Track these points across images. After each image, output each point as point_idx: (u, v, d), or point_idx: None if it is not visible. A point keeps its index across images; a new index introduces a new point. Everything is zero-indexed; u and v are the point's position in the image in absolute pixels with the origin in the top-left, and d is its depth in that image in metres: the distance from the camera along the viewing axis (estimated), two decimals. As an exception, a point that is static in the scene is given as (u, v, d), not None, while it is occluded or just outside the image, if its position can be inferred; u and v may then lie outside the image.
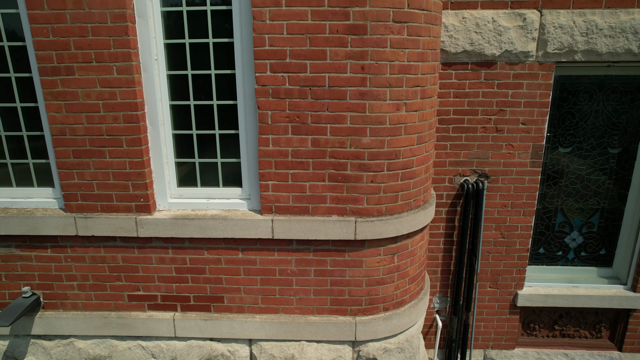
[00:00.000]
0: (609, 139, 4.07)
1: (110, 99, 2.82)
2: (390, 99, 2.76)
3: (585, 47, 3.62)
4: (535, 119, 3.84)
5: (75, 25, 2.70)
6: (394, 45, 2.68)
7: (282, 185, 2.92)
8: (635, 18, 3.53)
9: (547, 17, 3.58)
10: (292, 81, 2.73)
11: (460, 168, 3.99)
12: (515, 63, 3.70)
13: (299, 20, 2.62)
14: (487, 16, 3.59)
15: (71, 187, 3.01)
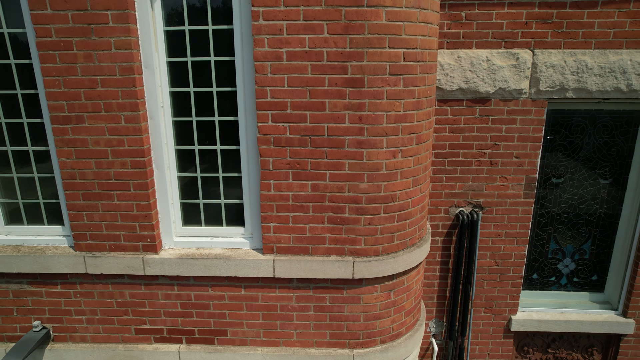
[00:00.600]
0: (600, 170, 4.21)
1: (118, 146, 2.95)
2: (386, 146, 2.90)
3: (576, 85, 3.75)
4: (529, 153, 3.98)
5: (85, 77, 2.84)
6: (391, 96, 2.81)
7: (283, 227, 3.06)
8: (623, 59, 3.67)
9: (540, 57, 3.72)
10: (293, 130, 2.86)
11: (455, 199, 4.13)
12: (509, 100, 3.84)
13: (299, 74, 2.76)
14: (481, 55, 3.72)
15: (81, 227, 3.14)
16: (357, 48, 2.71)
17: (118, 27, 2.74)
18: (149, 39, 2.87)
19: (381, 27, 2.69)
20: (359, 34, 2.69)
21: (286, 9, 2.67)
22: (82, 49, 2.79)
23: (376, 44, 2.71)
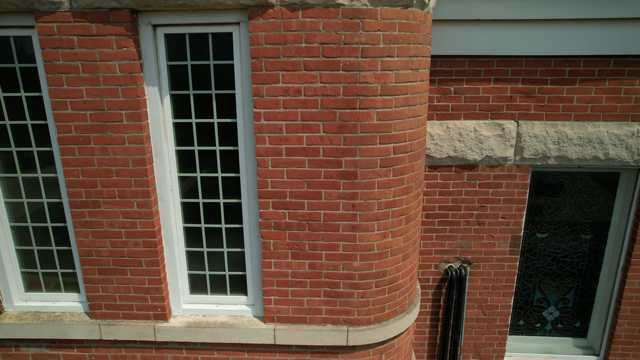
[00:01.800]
0: (582, 226, 4.50)
1: (131, 228, 3.24)
2: (377, 229, 3.19)
3: (557, 153, 4.04)
4: (514, 214, 4.26)
5: (101, 168, 3.12)
6: (381, 186, 3.10)
7: (283, 300, 3.35)
8: (600, 130, 3.95)
9: (524, 127, 4.00)
10: (292, 216, 3.15)
11: (445, 255, 4.42)
12: (495, 166, 4.13)
13: (297, 168, 3.04)
14: (469, 126, 4.01)
15: (96, 298, 3.43)
16: (351, 145, 3.00)
17: (131, 125, 3.03)
18: (159, 130, 3.15)
19: (372, 127, 2.97)
20: (352, 133, 2.97)
21: (285, 110, 2.95)
22: (98, 143, 3.07)
23: (368, 142, 3.00)
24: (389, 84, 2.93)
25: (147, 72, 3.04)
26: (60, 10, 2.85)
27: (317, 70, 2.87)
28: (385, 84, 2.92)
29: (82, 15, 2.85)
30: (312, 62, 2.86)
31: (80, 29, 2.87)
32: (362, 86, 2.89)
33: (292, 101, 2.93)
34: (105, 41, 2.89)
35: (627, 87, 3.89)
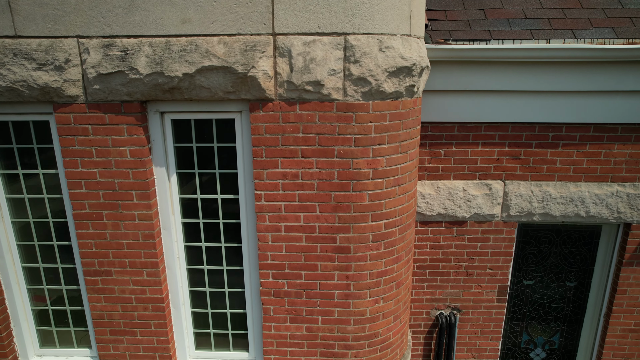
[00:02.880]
0: (566, 274, 4.76)
1: (141, 294, 3.50)
2: (370, 297, 3.45)
3: (542, 211, 4.30)
4: (501, 265, 4.53)
5: (113, 241, 3.38)
6: (373, 258, 3.36)
7: (282, 359, 3.62)
8: (582, 190, 4.21)
9: (510, 187, 4.26)
10: (290, 285, 3.41)
11: (435, 303, 4.69)
12: (483, 222, 4.39)
13: (295, 243, 3.30)
14: (458, 186, 4.27)
15: (108, 357, 3.70)
16: (345, 223, 3.26)
17: (141, 203, 3.29)
18: (167, 205, 3.41)
19: (365, 207, 3.23)
20: (346, 212, 3.23)
21: (284, 192, 3.21)
22: (110, 219, 3.33)
23: (361, 220, 3.26)
24: (380, 169, 3.18)
25: (156, 154, 3.30)
26: (76, 103, 3.10)
27: (314, 158, 3.13)
28: (376, 169, 3.17)
29: (96, 107, 3.11)
30: (309, 150, 3.11)
31: (94, 118, 3.13)
32: (355, 172, 3.15)
33: (290, 184, 3.19)
34: (117, 129, 3.14)
35: (607, 151, 4.14)
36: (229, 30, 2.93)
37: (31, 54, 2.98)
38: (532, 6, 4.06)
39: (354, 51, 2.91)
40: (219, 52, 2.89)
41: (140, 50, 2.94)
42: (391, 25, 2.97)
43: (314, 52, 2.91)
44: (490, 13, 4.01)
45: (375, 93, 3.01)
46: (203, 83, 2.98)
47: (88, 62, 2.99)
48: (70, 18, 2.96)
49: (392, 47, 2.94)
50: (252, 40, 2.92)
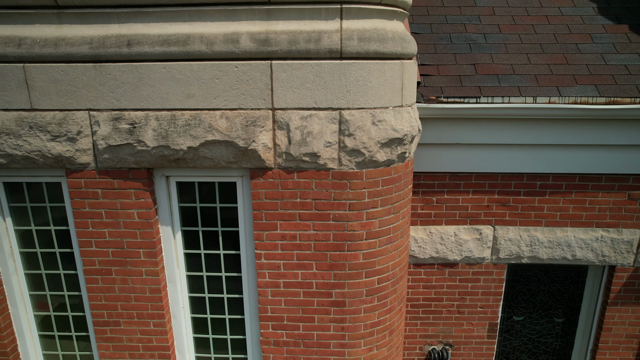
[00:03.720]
0: (555, 311, 4.98)
1: (148, 343, 3.72)
2: (364, 345, 3.67)
3: (530, 254, 4.51)
4: (491, 304, 4.75)
5: (122, 294, 3.60)
6: (367, 311, 3.58)
7: (281, 403, 3.84)
8: (568, 235, 4.42)
9: (499, 232, 4.47)
10: (289, 336, 3.63)
11: (428, 339, 4.91)
12: (473, 264, 4.60)
13: (293, 297, 3.52)
14: (449, 231, 4.48)
15: (116, 399, 3.92)
16: (340, 280, 3.47)
17: (148, 260, 3.50)
18: (172, 260, 3.62)
19: (359, 265, 3.45)
20: (341, 270, 3.44)
21: (283, 252, 3.42)
22: (119, 275, 3.55)
23: (355, 277, 3.47)
24: (373, 230, 3.40)
25: (162, 214, 3.51)
26: (87, 169, 3.31)
27: (311, 221, 3.34)
28: (370, 230, 3.39)
29: (105, 173, 3.32)
30: (306, 214, 3.32)
31: (104, 184, 3.34)
32: (349, 233, 3.36)
33: (289, 245, 3.40)
34: (126, 194, 3.35)
35: (591, 199, 4.35)
36: (231, 105, 3.14)
37: (46, 126, 3.18)
38: (521, 61, 4.26)
39: (349, 125, 3.12)
40: (222, 127, 3.10)
41: (147, 124, 3.14)
42: (384, 99, 3.17)
43: (310, 126, 3.12)
44: (481, 68, 4.21)
45: (369, 162, 3.22)
46: (207, 154, 3.19)
47: (98, 133, 3.19)
48: (82, 93, 3.17)
49: (384, 120, 3.15)
50: (253, 115, 3.12)
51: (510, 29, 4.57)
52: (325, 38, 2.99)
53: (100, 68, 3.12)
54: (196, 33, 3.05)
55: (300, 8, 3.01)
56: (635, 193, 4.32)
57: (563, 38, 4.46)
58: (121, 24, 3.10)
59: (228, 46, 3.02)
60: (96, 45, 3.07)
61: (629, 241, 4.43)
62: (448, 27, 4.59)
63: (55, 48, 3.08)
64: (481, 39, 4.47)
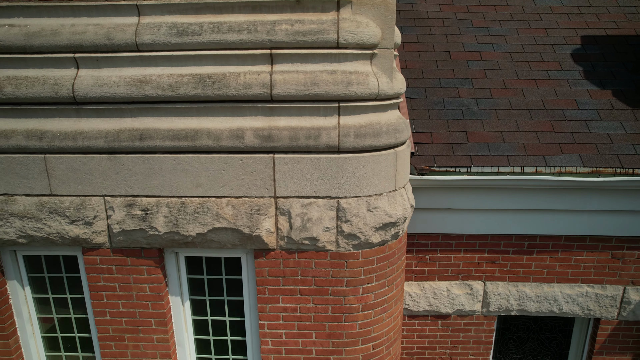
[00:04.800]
0: (544, 357, 5.26)
1: (158, 402, 4.00)
2: (360, 405, 3.94)
3: (518, 307, 4.78)
4: (482, 352, 5.02)
5: (133, 359, 3.86)
6: (363, 374, 3.85)
7: None
8: (555, 290, 4.69)
9: (489, 287, 4.74)
10: (290, 397, 3.90)
11: (423, 385, 5.19)
12: (465, 316, 4.87)
13: (294, 363, 3.79)
14: (442, 286, 4.75)
15: None
16: (338, 347, 3.74)
17: (159, 329, 3.77)
18: (181, 325, 3.89)
19: (355, 334, 3.72)
20: (338, 339, 3.72)
21: (285, 323, 3.69)
22: (132, 341, 3.82)
23: (352, 345, 3.74)
24: (368, 302, 3.66)
25: (171, 285, 3.78)
26: (102, 248, 3.58)
27: (310, 295, 3.61)
28: (365, 303, 3.65)
29: (119, 252, 3.58)
30: (306, 290, 3.59)
31: (118, 261, 3.60)
32: (346, 307, 3.63)
33: (290, 316, 3.67)
34: (138, 270, 3.62)
35: (577, 257, 4.61)
36: (236, 193, 3.40)
37: (64, 211, 3.45)
38: (510, 128, 4.52)
39: (345, 213, 3.38)
40: (228, 215, 3.36)
41: (158, 211, 3.41)
42: (378, 186, 3.43)
43: (310, 213, 3.38)
44: (472, 136, 4.46)
45: (364, 244, 3.48)
46: (214, 238, 3.45)
47: (113, 218, 3.46)
48: (98, 181, 3.43)
49: (379, 207, 3.41)
50: (257, 204, 3.39)
51: (501, 93, 4.82)
52: (324, 135, 3.25)
53: (115, 159, 3.38)
54: (204, 128, 3.30)
55: (300, 106, 3.27)
56: (618, 252, 4.58)
57: (550, 104, 4.71)
58: (134, 117, 3.36)
59: (233, 141, 3.28)
60: (111, 139, 3.33)
61: (613, 296, 4.70)
62: (442, 92, 4.84)
63: (74, 141, 3.34)
64: (473, 104, 4.73)
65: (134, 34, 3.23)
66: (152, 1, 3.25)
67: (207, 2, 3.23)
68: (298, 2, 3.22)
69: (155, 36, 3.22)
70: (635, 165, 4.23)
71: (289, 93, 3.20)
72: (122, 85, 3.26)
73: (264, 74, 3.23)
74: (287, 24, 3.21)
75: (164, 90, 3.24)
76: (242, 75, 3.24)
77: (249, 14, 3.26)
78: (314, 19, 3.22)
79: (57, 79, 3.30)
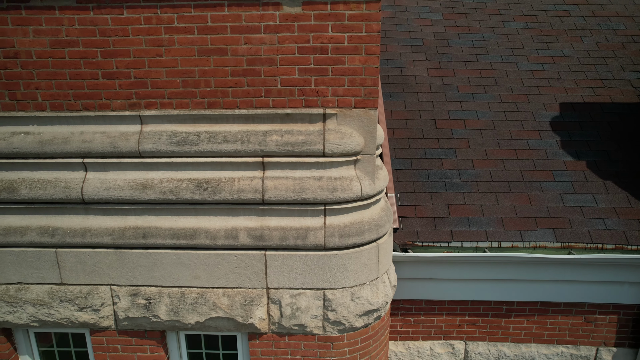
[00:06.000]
0: (523, 406, 5.60)
1: None
2: None
3: (498, 365, 5.13)
4: (464, 404, 5.36)
5: None
6: None
7: None
8: (532, 350, 5.03)
9: (470, 347, 5.08)
10: None
11: None
12: (447, 372, 5.22)
13: None
14: (426, 346, 5.09)
15: None
16: (325, 418, 4.08)
17: (161, 400, 4.11)
18: (181, 394, 4.25)
19: (342, 406, 4.06)
20: (326, 410, 4.06)
21: None
22: (136, 410, 4.16)
23: (338, 415, 4.08)
24: (353, 378, 4.00)
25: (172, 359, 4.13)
26: (109, 330, 3.92)
27: (300, 373, 3.95)
28: (350, 379, 4.00)
29: (124, 333, 3.93)
30: (296, 368, 3.94)
31: (123, 341, 3.95)
32: (333, 383, 3.97)
33: (281, 391, 4.01)
34: (142, 349, 3.97)
35: (552, 320, 4.95)
36: (232, 284, 3.74)
37: (74, 299, 3.79)
38: (490, 202, 4.84)
39: (331, 302, 3.72)
40: (224, 305, 3.70)
41: (160, 300, 3.75)
42: (362, 277, 3.77)
43: (299, 303, 3.72)
44: (454, 210, 4.79)
45: (349, 329, 3.82)
46: (211, 325, 3.79)
47: (119, 305, 3.80)
48: (105, 272, 3.77)
49: (362, 296, 3.75)
50: (250, 295, 3.72)
51: (483, 164, 5.14)
52: (311, 235, 3.58)
53: (121, 254, 3.71)
54: (201, 228, 3.64)
55: (289, 209, 3.59)
56: (591, 317, 4.92)
57: (529, 175, 5.03)
58: (137, 216, 3.69)
59: (229, 241, 3.61)
60: (117, 236, 3.66)
61: (586, 356, 5.04)
62: (426, 163, 5.16)
63: (83, 238, 3.67)
64: (456, 176, 5.05)
65: (137, 143, 3.55)
66: (154, 112, 3.58)
67: (203, 113, 3.56)
68: (287, 115, 3.54)
69: (157, 145, 3.55)
70: (604, 241, 4.57)
71: (279, 198, 3.53)
72: (126, 189, 3.59)
73: (256, 180, 3.56)
74: (278, 134, 3.53)
75: (165, 194, 3.56)
76: (236, 180, 3.56)
77: (242, 124, 3.58)
78: (302, 129, 3.54)
79: (67, 182, 3.63)
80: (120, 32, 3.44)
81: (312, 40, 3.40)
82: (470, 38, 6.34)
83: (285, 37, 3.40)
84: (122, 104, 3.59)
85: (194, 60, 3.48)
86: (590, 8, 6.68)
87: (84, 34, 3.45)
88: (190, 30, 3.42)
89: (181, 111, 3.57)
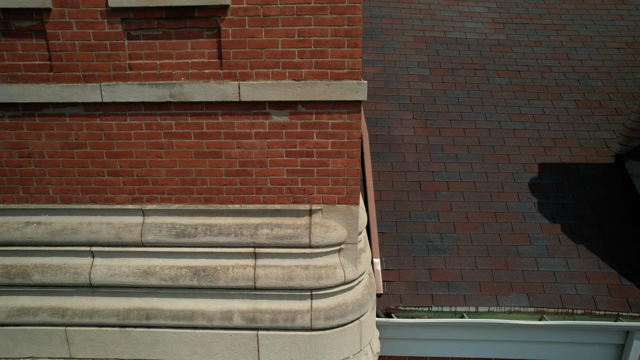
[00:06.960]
0: None
1: None
2: None
3: (477, 415, 5.49)
4: None
5: None
6: None
7: None
8: (509, 403, 5.40)
9: (451, 398, 5.45)
10: None
11: None
12: (430, 420, 5.59)
13: None
14: (410, 397, 5.46)
15: None
16: None
17: None
18: None
19: None
20: None
21: None
22: None
23: None
24: None
25: (173, 422, 4.49)
26: (114, 398, 4.28)
27: None
28: None
29: (129, 401, 4.29)
30: None
31: (127, 408, 4.31)
32: None
33: None
34: (145, 414, 4.33)
35: (528, 375, 5.31)
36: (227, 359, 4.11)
37: (82, 374, 4.16)
38: (469, 266, 5.20)
39: (318, 377, 4.08)
40: (220, 379, 4.06)
41: (162, 375, 4.12)
42: (345, 352, 4.13)
43: (288, 377, 4.08)
44: (435, 274, 5.15)
45: (334, 399, 4.19)
46: (208, 396, 4.16)
47: (124, 378, 4.17)
48: (111, 347, 4.13)
49: (346, 370, 4.12)
50: (244, 370, 4.09)
51: (464, 227, 5.49)
52: (299, 318, 3.94)
53: (125, 332, 4.08)
54: (199, 310, 4.00)
55: (279, 293, 3.95)
56: (564, 371, 5.28)
57: (506, 239, 5.38)
58: (141, 298, 4.06)
59: (224, 322, 3.97)
60: (122, 317, 4.02)
61: (559, 407, 5.41)
62: (410, 226, 5.51)
63: (90, 318, 4.04)
64: (438, 240, 5.40)
65: (140, 234, 3.91)
66: (155, 206, 3.93)
67: (200, 208, 3.92)
68: (277, 210, 3.90)
69: (158, 236, 3.91)
70: (574, 306, 4.93)
71: (270, 285, 3.89)
72: (130, 276, 3.95)
73: (248, 268, 3.92)
74: (268, 227, 3.89)
75: (166, 281, 3.93)
76: (230, 269, 3.92)
77: (236, 217, 3.94)
78: (291, 223, 3.90)
79: (76, 268, 4.00)
80: (123, 136, 3.80)
81: (299, 145, 3.75)
82: (455, 95, 6.68)
83: (274, 143, 3.75)
84: (125, 198, 3.95)
85: (191, 161, 3.83)
86: (570, 63, 7.00)
87: (91, 137, 3.81)
88: (188, 135, 3.77)
89: (180, 205, 3.93)
